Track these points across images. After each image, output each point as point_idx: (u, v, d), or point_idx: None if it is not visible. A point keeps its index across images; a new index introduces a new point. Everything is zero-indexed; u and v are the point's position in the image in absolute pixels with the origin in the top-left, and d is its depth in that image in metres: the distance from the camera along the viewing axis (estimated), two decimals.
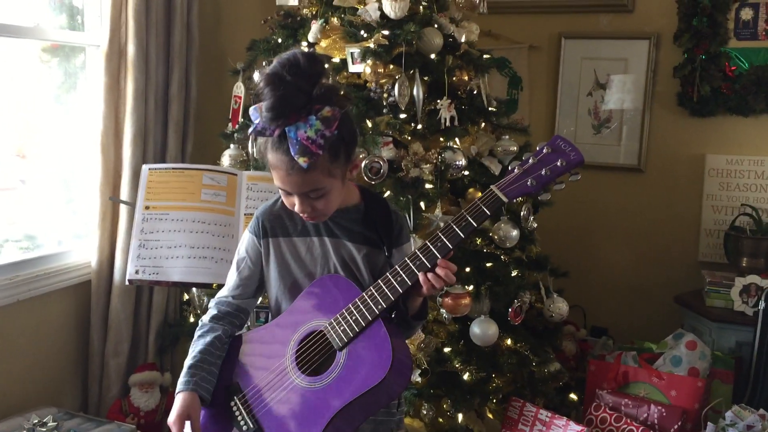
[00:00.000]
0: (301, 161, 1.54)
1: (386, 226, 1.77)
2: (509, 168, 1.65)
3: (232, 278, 1.86)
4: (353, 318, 1.64)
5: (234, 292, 1.86)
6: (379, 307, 1.63)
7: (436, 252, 1.62)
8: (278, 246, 1.79)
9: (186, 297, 3.19)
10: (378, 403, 1.66)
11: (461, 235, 1.61)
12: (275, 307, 1.83)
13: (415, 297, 1.70)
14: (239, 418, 1.73)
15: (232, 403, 1.75)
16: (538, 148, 1.64)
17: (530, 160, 1.62)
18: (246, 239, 1.84)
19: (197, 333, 1.83)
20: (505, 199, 1.61)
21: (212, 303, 1.88)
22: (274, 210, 1.81)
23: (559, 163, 1.60)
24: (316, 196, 1.64)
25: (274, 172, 1.63)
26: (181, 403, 1.70)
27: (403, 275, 1.63)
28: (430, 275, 1.61)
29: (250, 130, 1.61)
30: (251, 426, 1.71)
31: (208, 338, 1.80)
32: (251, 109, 1.59)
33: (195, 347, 1.79)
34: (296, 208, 1.67)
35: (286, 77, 1.53)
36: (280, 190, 1.69)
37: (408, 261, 1.64)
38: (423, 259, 1.62)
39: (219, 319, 1.84)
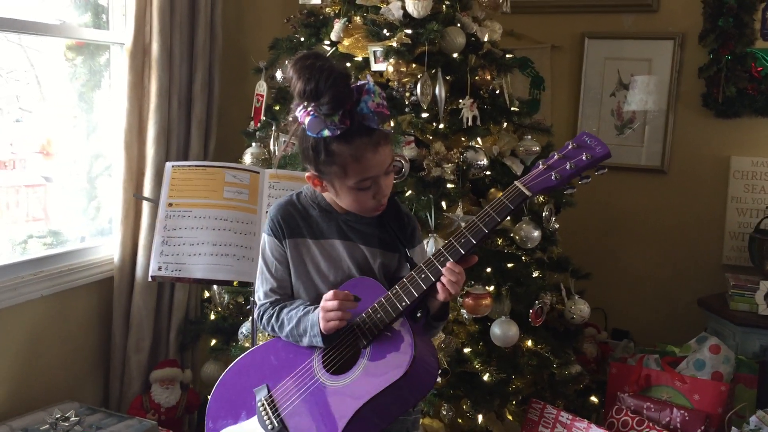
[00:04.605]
0: (385, 127, 1.60)
1: (400, 229, 1.77)
2: (537, 164, 1.64)
3: (267, 284, 1.81)
4: (378, 316, 1.64)
5: (276, 293, 1.80)
6: (403, 304, 1.62)
7: (459, 248, 1.61)
8: (295, 247, 1.77)
9: (207, 294, 3.21)
10: (403, 401, 1.65)
11: (485, 230, 1.60)
12: None
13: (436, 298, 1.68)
14: (265, 417, 1.73)
15: (260, 404, 1.75)
16: (565, 145, 1.63)
17: (555, 156, 1.62)
18: (267, 243, 1.80)
19: (277, 314, 1.77)
20: (528, 193, 1.60)
21: (259, 310, 1.82)
22: (288, 210, 1.79)
23: (584, 157, 1.59)
24: (391, 170, 1.67)
25: (358, 163, 1.60)
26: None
27: (428, 272, 1.62)
28: (444, 280, 1.60)
29: (327, 133, 1.56)
30: (276, 425, 1.71)
31: (298, 301, 1.77)
32: (311, 124, 1.56)
33: (291, 308, 1.75)
34: (379, 195, 1.66)
35: (324, 64, 1.55)
36: (353, 193, 1.65)
37: (432, 258, 1.63)
38: (447, 255, 1.62)
39: (280, 302, 1.80)
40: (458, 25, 2.79)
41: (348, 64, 2.82)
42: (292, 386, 1.73)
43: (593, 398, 3.14)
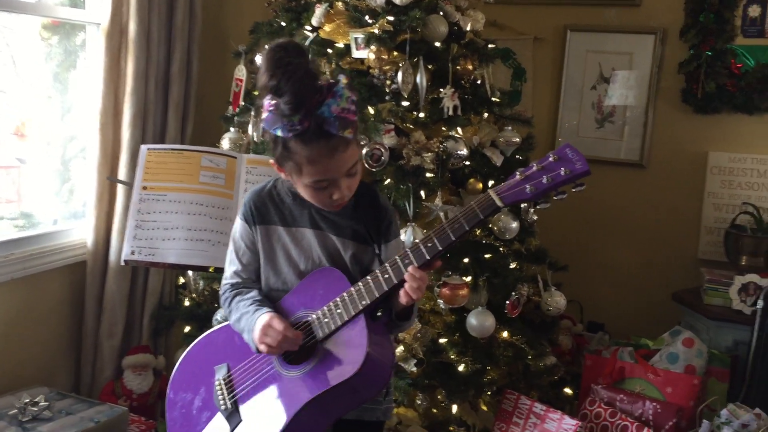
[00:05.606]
0: (347, 134, 1.54)
1: (375, 221, 1.75)
2: (514, 173, 1.60)
3: (233, 265, 1.83)
4: (338, 311, 1.64)
5: (240, 276, 1.82)
6: (363, 302, 1.62)
7: (425, 252, 1.60)
8: (266, 233, 1.77)
9: (182, 280, 3.17)
10: (353, 398, 1.65)
11: (452, 237, 1.59)
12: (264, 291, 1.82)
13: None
14: (220, 397, 1.75)
15: (217, 383, 1.77)
16: (545, 156, 1.60)
17: (534, 167, 1.58)
18: (239, 227, 1.81)
19: (231, 300, 1.79)
20: (500, 204, 1.58)
21: (222, 288, 1.84)
22: (263, 196, 1.78)
23: (562, 172, 1.55)
24: (354, 172, 1.63)
25: (313, 166, 1.57)
26: (271, 316, 1.66)
27: (391, 273, 1.61)
28: (406, 286, 1.59)
29: (280, 133, 1.54)
30: (229, 407, 1.73)
31: (252, 292, 1.78)
32: (267, 119, 1.54)
33: (242, 299, 1.75)
34: (336, 196, 1.63)
35: (292, 60, 1.52)
36: (310, 190, 1.63)
37: (398, 259, 1.62)
38: (412, 258, 1.60)
39: (240, 286, 1.82)
40: (441, 13, 2.77)
41: (329, 51, 2.79)
42: (249, 370, 1.74)
43: (567, 390, 3.15)
